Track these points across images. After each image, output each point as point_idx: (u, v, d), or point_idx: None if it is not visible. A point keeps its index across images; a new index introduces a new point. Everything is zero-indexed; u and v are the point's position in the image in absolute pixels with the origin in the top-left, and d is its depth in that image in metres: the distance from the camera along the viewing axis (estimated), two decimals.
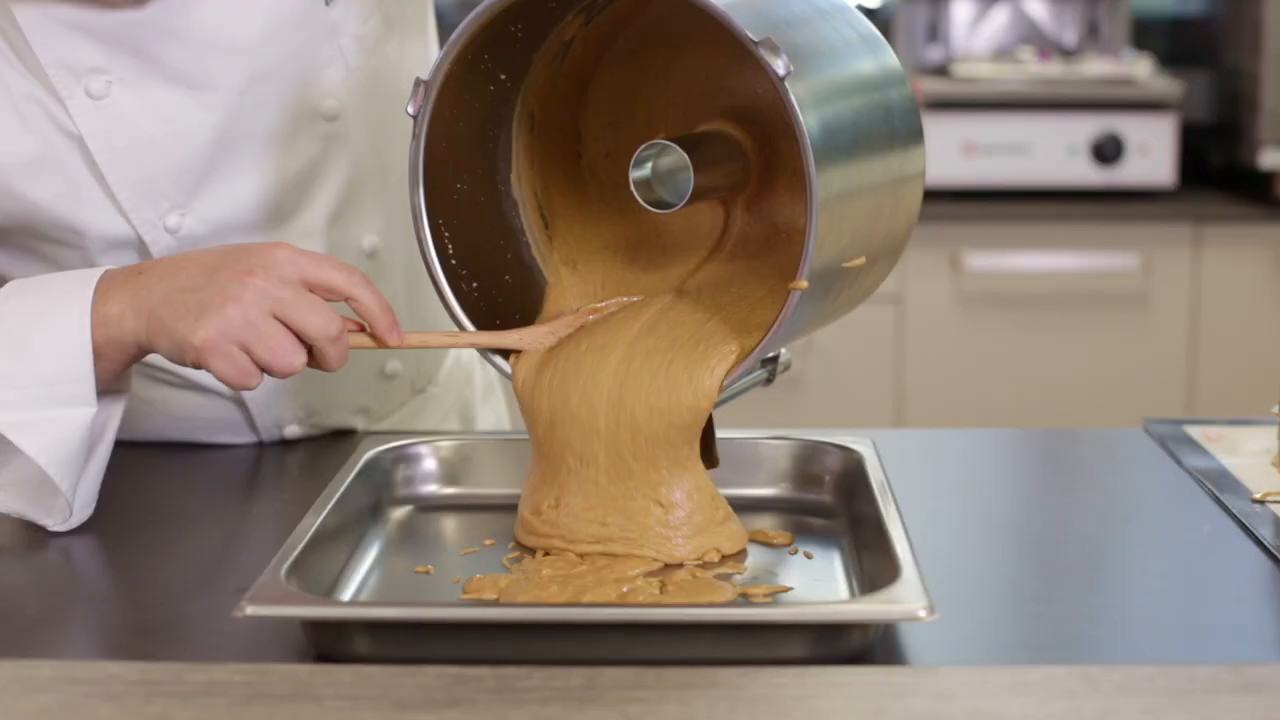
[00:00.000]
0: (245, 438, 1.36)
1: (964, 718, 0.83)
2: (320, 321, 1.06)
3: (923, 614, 0.89)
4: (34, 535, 1.13)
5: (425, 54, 1.37)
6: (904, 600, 0.90)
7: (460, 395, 1.48)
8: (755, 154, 1.14)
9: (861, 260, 1.06)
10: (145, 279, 1.10)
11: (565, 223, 1.19)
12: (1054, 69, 3.00)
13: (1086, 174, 2.93)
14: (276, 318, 1.05)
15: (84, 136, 1.19)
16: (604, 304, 1.15)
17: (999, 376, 2.94)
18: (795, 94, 0.97)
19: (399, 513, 1.15)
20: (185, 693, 0.83)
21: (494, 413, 1.53)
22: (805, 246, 0.99)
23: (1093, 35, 3.22)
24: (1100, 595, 1.04)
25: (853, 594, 1.01)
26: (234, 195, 1.25)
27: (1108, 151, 2.90)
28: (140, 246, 1.24)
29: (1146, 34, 3.32)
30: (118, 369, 1.12)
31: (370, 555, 1.07)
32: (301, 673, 0.86)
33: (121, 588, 1.06)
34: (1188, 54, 3.26)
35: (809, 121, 0.97)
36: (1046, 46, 3.16)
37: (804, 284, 1.00)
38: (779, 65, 0.97)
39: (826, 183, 0.98)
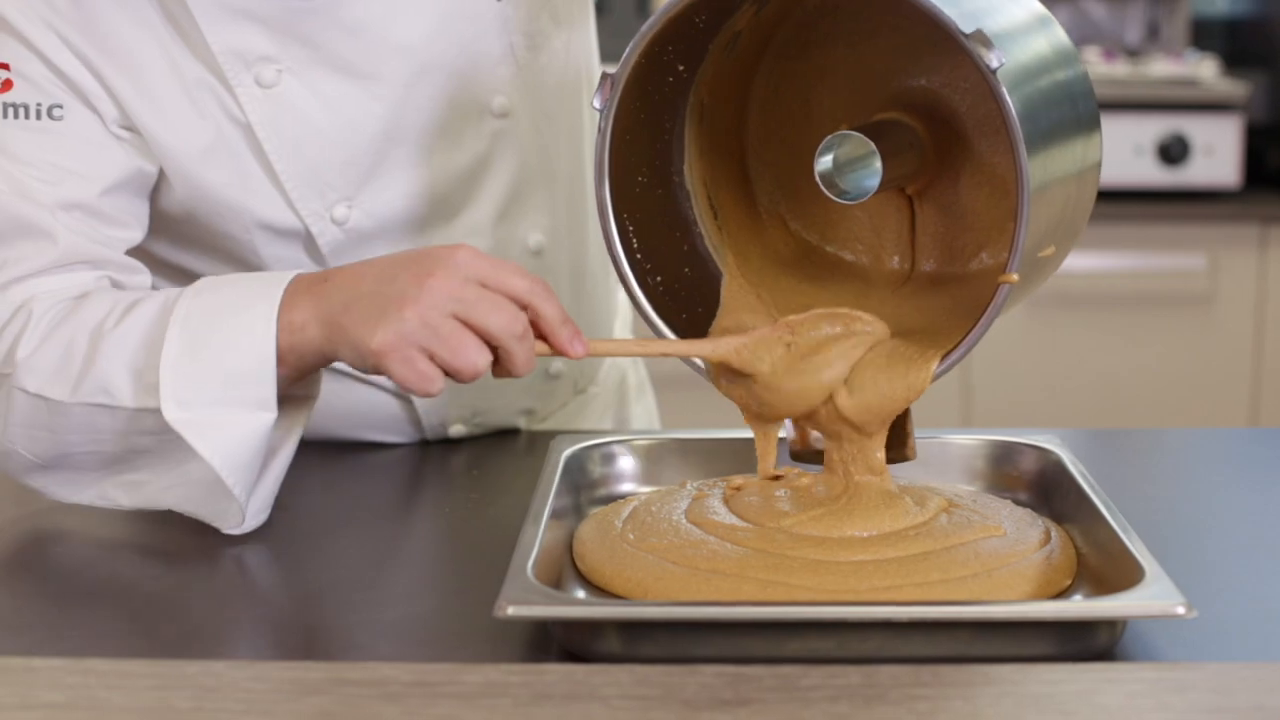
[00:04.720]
0: (409, 436, 1.35)
1: (1248, 713, 0.82)
2: (504, 319, 1.01)
3: (1181, 610, 0.89)
4: (218, 537, 1.11)
5: (588, 48, 1.36)
6: (1159, 598, 0.90)
7: (617, 394, 1.47)
8: (928, 142, 1.13)
9: (1051, 250, 1.05)
10: (328, 287, 1.06)
11: (734, 221, 1.19)
12: (1120, 69, 3.00)
13: (1152, 175, 2.93)
14: (457, 318, 1.01)
15: (253, 125, 1.18)
16: (801, 317, 1.11)
17: (1065, 376, 2.94)
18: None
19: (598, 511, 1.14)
20: (465, 694, 0.83)
21: (646, 411, 1.52)
22: (1015, 239, 0.99)
23: (1152, 36, 3.22)
24: None
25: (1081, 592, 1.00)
26: (401, 189, 1.24)
27: (1174, 152, 2.90)
28: (306, 238, 1.23)
29: (1204, 34, 3.32)
30: (298, 376, 1.10)
31: None
32: (577, 673, 0.85)
33: (338, 589, 1.04)
34: (1245, 54, 3.26)
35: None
36: (1111, 47, 3.16)
37: (1014, 277, 0.99)
38: (992, 59, 0.96)
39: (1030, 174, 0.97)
